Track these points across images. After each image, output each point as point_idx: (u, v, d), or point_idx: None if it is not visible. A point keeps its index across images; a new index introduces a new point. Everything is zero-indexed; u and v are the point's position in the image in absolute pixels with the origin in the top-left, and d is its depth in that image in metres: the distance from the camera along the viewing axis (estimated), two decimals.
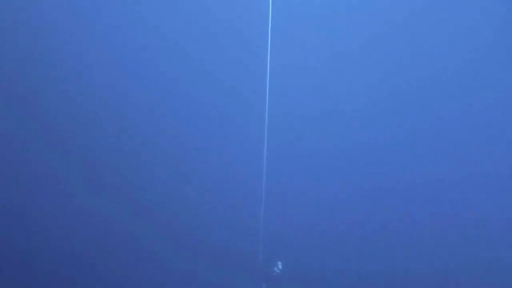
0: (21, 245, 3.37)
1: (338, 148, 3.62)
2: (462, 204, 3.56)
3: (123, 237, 3.48)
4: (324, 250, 3.62)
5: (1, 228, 3.34)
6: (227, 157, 3.62)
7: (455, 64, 3.59)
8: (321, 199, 3.63)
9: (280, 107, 3.61)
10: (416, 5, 3.58)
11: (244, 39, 3.59)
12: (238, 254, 3.57)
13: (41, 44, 3.44)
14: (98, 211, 3.47)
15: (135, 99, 3.55)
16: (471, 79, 3.58)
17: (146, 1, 3.54)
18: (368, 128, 3.61)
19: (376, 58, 3.61)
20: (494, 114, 3.58)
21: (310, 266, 3.62)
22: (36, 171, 3.42)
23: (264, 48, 3.58)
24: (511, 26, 3.58)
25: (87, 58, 3.51)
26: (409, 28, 3.59)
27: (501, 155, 3.54)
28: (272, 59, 3.60)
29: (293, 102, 3.63)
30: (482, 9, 3.55)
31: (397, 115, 3.60)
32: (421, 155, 3.60)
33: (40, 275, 3.37)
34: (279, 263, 3.61)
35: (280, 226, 3.62)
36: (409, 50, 3.60)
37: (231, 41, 3.60)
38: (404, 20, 3.59)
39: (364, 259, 3.58)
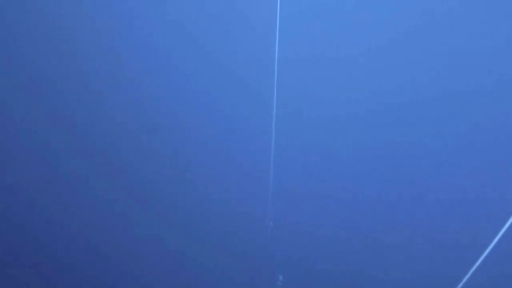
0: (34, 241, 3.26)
1: (349, 148, 3.44)
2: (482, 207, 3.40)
3: (121, 236, 3.35)
4: (332, 258, 3.47)
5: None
6: (233, 157, 3.46)
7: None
8: (332, 203, 3.46)
9: (288, 103, 3.42)
10: None
11: (251, 31, 3.41)
12: (244, 258, 3.44)
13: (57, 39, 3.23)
14: (102, 206, 3.30)
15: (139, 91, 3.35)
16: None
17: None
18: (381, 127, 3.41)
19: (390, 55, 3.40)
20: None
21: (317, 273, 3.52)
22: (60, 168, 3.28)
23: (272, 40, 3.40)
24: None
25: (95, 49, 3.28)
26: (430, 23, 3.35)
27: None
28: (280, 52, 3.41)
29: (302, 98, 3.46)
30: None
31: (411, 114, 3.39)
32: (438, 157, 3.37)
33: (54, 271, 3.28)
34: (280, 277, 3.47)
35: (286, 234, 3.46)
36: (431, 47, 3.36)
37: (238, 32, 3.40)
38: (424, 14, 3.35)
39: (376, 268, 3.46)
